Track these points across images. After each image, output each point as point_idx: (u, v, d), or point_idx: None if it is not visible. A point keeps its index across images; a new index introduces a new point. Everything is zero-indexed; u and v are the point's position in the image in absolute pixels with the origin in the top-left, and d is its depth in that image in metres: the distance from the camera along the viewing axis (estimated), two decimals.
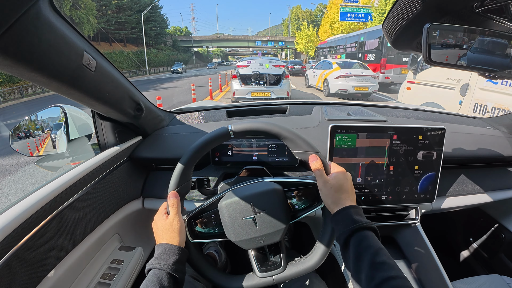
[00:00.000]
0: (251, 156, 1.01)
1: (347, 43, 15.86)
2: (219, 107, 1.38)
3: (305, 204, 0.68)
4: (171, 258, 0.57)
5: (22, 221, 0.57)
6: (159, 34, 48.17)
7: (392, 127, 0.85)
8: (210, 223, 0.68)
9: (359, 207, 0.61)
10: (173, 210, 0.63)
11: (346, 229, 0.57)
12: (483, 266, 1.33)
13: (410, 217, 0.99)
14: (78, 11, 26.98)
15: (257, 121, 0.65)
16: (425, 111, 1.43)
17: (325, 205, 0.64)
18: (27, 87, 16.23)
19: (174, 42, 56.98)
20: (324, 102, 1.43)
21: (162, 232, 0.62)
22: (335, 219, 0.60)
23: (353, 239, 0.56)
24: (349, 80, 8.88)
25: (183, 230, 0.63)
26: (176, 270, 0.57)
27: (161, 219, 0.64)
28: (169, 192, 0.65)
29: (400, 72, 11.22)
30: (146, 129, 1.05)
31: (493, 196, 1.08)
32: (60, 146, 0.95)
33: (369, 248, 0.53)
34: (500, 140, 1.13)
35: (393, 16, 0.64)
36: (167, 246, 0.59)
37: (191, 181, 0.69)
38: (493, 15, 0.54)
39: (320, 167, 0.63)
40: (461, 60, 0.58)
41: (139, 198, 1.03)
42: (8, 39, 0.42)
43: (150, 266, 0.57)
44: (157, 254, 0.58)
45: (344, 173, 0.65)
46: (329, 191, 0.61)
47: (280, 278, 0.66)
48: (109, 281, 0.82)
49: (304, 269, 0.66)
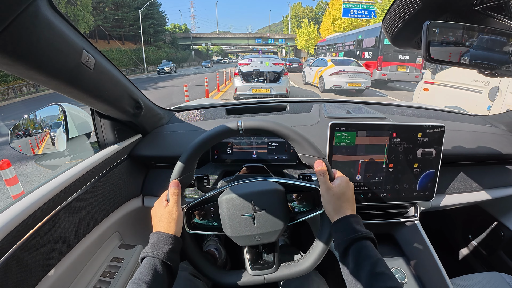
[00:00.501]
0: (250, 154, 1.01)
1: (346, 41, 15.99)
2: (218, 105, 1.38)
3: (305, 208, 0.68)
4: (165, 246, 0.57)
5: (22, 219, 0.58)
6: (157, 31, 46.98)
7: (392, 125, 0.85)
8: (208, 216, 0.68)
9: (358, 217, 0.62)
10: (173, 199, 0.63)
11: (346, 238, 0.57)
12: (482, 264, 1.34)
13: (409, 215, 0.99)
14: (73, 8, 26.59)
15: (267, 120, 0.65)
16: (425, 108, 1.43)
17: (326, 211, 0.64)
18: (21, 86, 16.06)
19: (173, 39, 55.77)
20: (323, 99, 1.43)
21: (159, 219, 0.62)
22: (335, 227, 0.61)
23: (352, 248, 0.56)
24: (343, 77, 9.40)
25: (181, 219, 0.63)
26: (170, 258, 0.57)
27: (161, 206, 0.64)
28: (171, 181, 0.65)
29: (396, 69, 11.43)
30: (145, 127, 1.05)
31: (492, 193, 1.09)
32: (59, 145, 0.95)
33: (369, 258, 0.54)
34: (499, 138, 1.13)
35: (393, 13, 0.64)
36: (162, 234, 0.59)
37: (193, 174, 0.69)
38: (492, 13, 0.54)
39: (325, 173, 0.63)
40: (461, 57, 0.58)
41: (138, 196, 1.03)
42: (6, 37, 0.42)
43: (144, 254, 0.57)
44: (152, 242, 0.59)
45: (347, 182, 0.65)
46: (331, 198, 0.62)
47: (271, 278, 0.67)
48: (110, 279, 0.82)
49: (296, 272, 0.67)
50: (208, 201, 0.68)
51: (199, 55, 73.82)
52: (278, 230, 0.64)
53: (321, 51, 20.91)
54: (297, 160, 1.01)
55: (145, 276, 0.53)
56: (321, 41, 21.63)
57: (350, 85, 9.35)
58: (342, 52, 16.27)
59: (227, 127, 0.64)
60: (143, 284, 0.51)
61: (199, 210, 0.68)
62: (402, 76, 11.55)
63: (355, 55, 13.90)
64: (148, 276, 0.53)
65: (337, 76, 9.48)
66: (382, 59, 11.46)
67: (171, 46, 53.27)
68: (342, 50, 16.33)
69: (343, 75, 9.43)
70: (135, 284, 0.52)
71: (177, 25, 71.21)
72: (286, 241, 1.28)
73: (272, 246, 0.69)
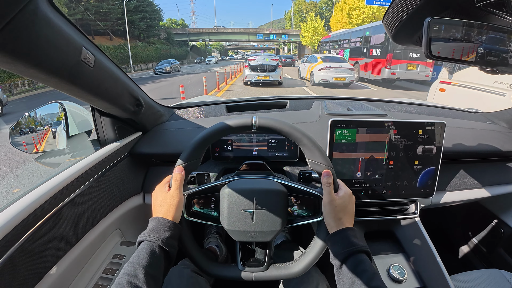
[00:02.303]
0: (251, 151, 1.01)
1: (352, 37, 15.53)
2: (218, 102, 1.37)
3: (304, 213, 0.68)
4: (165, 232, 0.58)
5: (23, 217, 0.58)
6: (150, 26, 41.99)
7: (392, 122, 0.85)
8: (208, 205, 0.68)
9: (356, 230, 0.63)
10: (175, 184, 0.63)
11: (343, 251, 0.58)
12: (482, 261, 1.34)
13: (409, 211, 0.99)
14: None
15: (282, 121, 0.65)
16: (425, 105, 1.43)
17: (325, 221, 0.64)
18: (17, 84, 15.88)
19: (168, 35, 50.60)
20: (324, 96, 1.42)
21: (160, 203, 0.62)
22: (333, 239, 0.62)
23: (349, 261, 0.57)
24: (329, 72, 10.80)
25: (181, 206, 0.63)
26: (168, 244, 0.57)
27: (162, 190, 0.64)
28: (177, 165, 0.65)
29: (406, 68, 11.20)
30: (145, 124, 1.05)
31: (492, 191, 1.09)
32: (60, 143, 0.95)
33: (365, 272, 0.55)
34: (500, 135, 1.13)
35: (394, 9, 0.64)
36: (162, 220, 0.59)
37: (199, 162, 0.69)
38: (494, 9, 0.54)
39: (331, 184, 0.63)
40: (461, 54, 0.58)
41: (139, 194, 1.03)
42: (6, 35, 0.42)
43: (143, 238, 0.57)
44: (151, 227, 0.59)
45: (350, 196, 0.66)
46: (333, 209, 0.62)
47: (260, 277, 0.67)
48: (111, 276, 0.82)
49: (286, 274, 0.67)
50: (210, 191, 0.68)
51: (197, 51, 68.91)
52: (275, 230, 0.65)
53: (324, 48, 20.35)
54: (298, 157, 1.01)
55: (142, 260, 0.53)
56: (325, 38, 21.08)
57: (336, 79, 10.72)
58: (347, 49, 15.79)
59: (242, 121, 0.64)
60: (140, 268, 0.52)
61: (198, 199, 0.68)
62: (412, 75, 11.32)
63: (362, 52, 13.63)
64: (146, 260, 0.53)
65: (324, 71, 10.86)
66: (392, 56, 11.23)
67: (165, 42, 48.18)
68: (348, 47, 15.84)
69: (330, 70, 10.78)
70: (132, 267, 0.52)
71: (174, 20, 66.56)
72: (287, 236, 1.28)
73: (265, 245, 0.69)
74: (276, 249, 1.08)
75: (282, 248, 1.10)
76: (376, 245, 0.98)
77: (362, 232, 0.99)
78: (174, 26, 62.53)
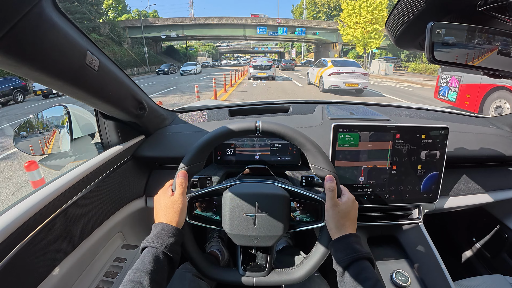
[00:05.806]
0: (253, 155, 1.01)
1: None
2: (221, 106, 1.38)
3: (307, 218, 0.68)
4: (169, 238, 0.57)
5: (26, 219, 0.58)
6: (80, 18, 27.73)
7: (395, 126, 0.85)
8: (210, 209, 0.68)
9: (359, 236, 0.62)
10: (179, 190, 0.62)
11: (346, 257, 0.58)
12: (486, 266, 1.32)
13: (413, 217, 0.98)
14: None
15: (285, 125, 0.65)
16: (428, 110, 1.42)
17: (327, 226, 0.64)
18: None
19: (111, 30, 32.21)
20: (326, 101, 1.42)
21: (164, 208, 0.62)
22: (336, 245, 0.61)
23: (352, 268, 0.57)
24: (341, 77, 9.87)
25: (184, 211, 0.63)
26: (172, 250, 0.57)
27: (166, 195, 0.63)
28: (179, 170, 0.64)
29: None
30: (148, 128, 1.05)
31: (496, 196, 1.08)
32: (63, 145, 0.95)
33: (368, 279, 0.54)
34: (503, 139, 1.12)
35: (397, 14, 0.64)
36: (166, 226, 0.59)
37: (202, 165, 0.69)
38: (496, 14, 0.54)
39: (334, 189, 0.63)
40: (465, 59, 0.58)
41: (142, 197, 1.03)
42: (11, 38, 0.42)
43: (147, 244, 0.57)
44: (155, 233, 0.58)
45: (354, 202, 0.65)
46: (336, 215, 0.62)
47: (260, 282, 0.66)
48: (112, 279, 0.82)
49: (287, 280, 0.66)
50: (213, 194, 0.68)
51: (173, 55, 48.70)
52: (277, 235, 0.64)
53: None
54: (300, 162, 1.00)
55: (147, 266, 0.53)
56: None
57: (348, 85, 9.78)
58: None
59: (245, 125, 0.64)
60: (145, 274, 0.52)
61: (200, 202, 0.68)
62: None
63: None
64: (150, 266, 0.53)
65: (335, 76, 9.92)
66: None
67: (105, 40, 30.33)
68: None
69: (341, 75, 9.83)
70: (137, 273, 0.52)
71: (144, 12, 43.37)
72: (289, 242, 1.28)
73: (267, 250, 0.69)
74: (278, 254, 1.07)
75: (284, 253, 1.09)
76: (379, 250, 0.97)
77: (365, 237, 0.99)
78: (131, 17, 42.19)
